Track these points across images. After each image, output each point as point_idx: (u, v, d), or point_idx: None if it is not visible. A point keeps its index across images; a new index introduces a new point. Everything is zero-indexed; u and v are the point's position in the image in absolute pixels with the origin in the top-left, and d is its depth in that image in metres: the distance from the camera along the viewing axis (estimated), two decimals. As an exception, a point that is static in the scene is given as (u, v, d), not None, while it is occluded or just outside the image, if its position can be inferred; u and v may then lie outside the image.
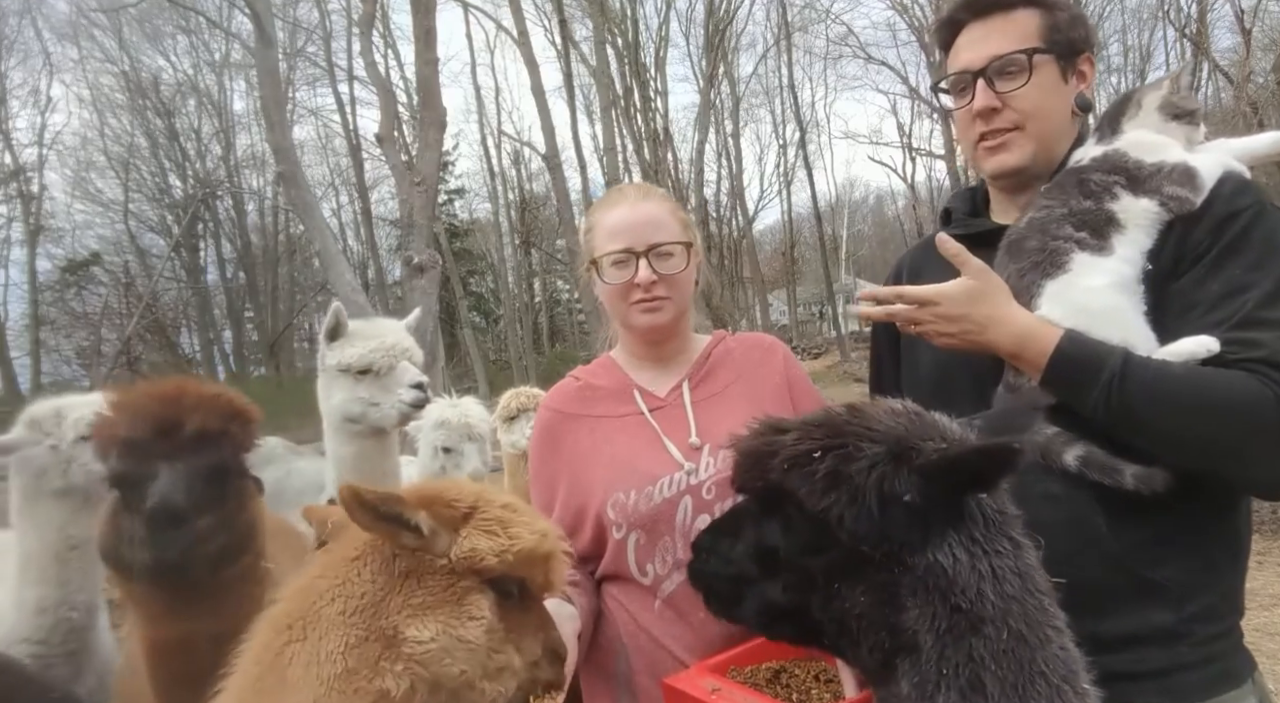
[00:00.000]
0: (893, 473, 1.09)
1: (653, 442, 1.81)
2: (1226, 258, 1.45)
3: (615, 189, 2.01)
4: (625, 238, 1.81)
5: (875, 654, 1.12)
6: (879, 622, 1.10)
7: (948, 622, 1.06)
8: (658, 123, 29.17)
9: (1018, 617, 1.06)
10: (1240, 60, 18.26)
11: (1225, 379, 1.37)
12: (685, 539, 1.72)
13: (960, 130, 1.77)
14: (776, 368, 1.95)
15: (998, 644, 1.05)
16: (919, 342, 1.73)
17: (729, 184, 37.40)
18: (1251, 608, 5.52)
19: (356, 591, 1.29)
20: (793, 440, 1.17)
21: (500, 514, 1.36)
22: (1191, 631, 1.48)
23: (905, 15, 26.32)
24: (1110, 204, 1.53)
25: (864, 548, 1.09)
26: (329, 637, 1.25)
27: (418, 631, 1.26)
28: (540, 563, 1.39)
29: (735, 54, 33.83)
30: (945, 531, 1.08)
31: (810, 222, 38.66)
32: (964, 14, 1.70)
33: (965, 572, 1.06)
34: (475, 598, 1.32)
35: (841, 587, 1.12)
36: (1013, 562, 1.09)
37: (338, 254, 10.71)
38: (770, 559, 1.21)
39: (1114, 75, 30.76)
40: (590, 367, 2.03)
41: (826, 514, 1.10)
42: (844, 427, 1.16)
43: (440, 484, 1.41)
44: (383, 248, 34.88)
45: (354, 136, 31.14)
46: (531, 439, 1.96)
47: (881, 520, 1.08)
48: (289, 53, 26.56)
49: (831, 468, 1.11)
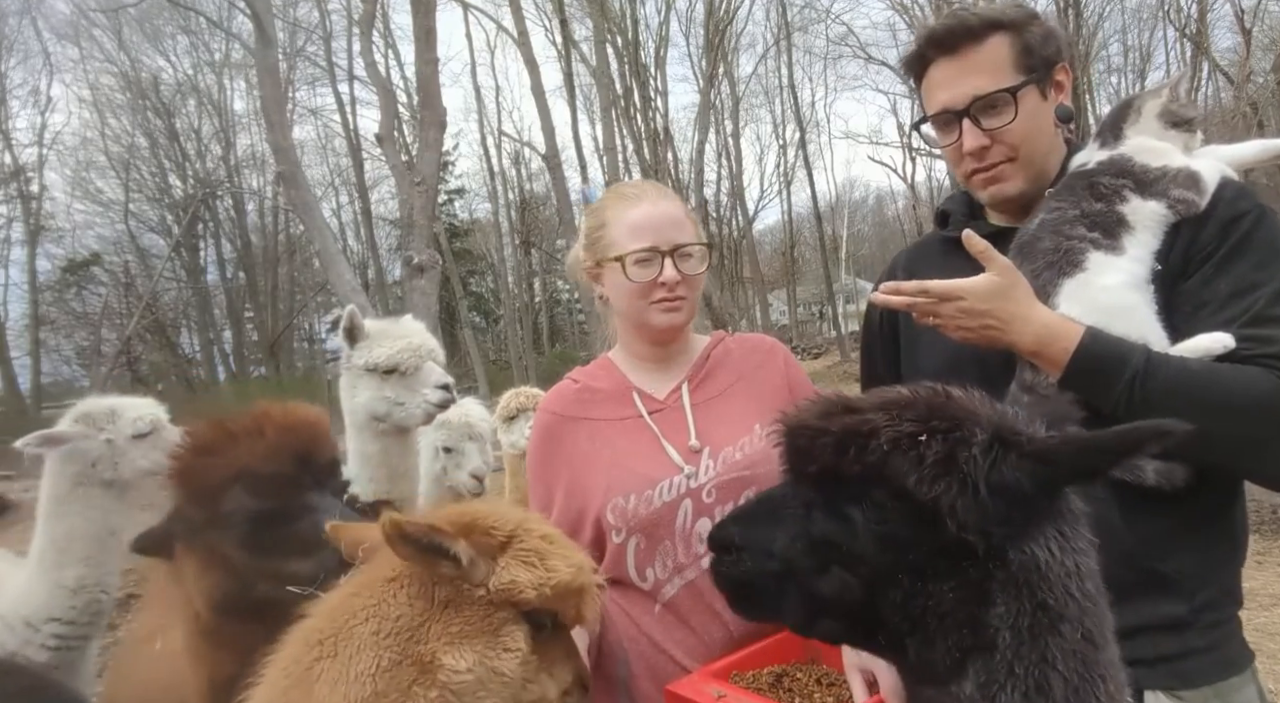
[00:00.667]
0: (1004, 459, 1.01)
1: (652, 445, 1.79)
2: (1233, 258, 1.50)
3: (628, 186, 1.95)
4: (650, 236, 1.79)
5: (952, 654, 1.03)
6: (964, 619, 1.02)
7: (1030, 619, 1.00)
8: (658, 123, 29.18)
9: (1091, 619, 1.03)
10: (1240, 60, 18.26)
11: (1243, 375, 1.41)
12: (685, 543, 1.71)
13: (951, 162, 1.78)
14: (777, 370, 1.93)
15: (1070, 644, 1.01)
16: (924, 336, 1.73)
17: (729, 184, 37.46)
18: (1251, 608, 5.53)
19: (392, 613, 1.27)
20: (888, 420, 1.06)
21: (538, 546, 1.35)
22: (1200, 619, 1.53)
23: (905, 15, 26.32)
24: (1120, 206, 1.57)
25: (969, 538, 1.00)
26: (360, 657, 1.23)
27: (455, 660, 1.25)
28: (575, 596, 1.38)
29: (735, 54, 33.88)
30: (1045, 524, 1.03)
31: (810, 222, 38.68)
32: (932, 51, 1.67)
33: (1057, 567, 1.01)
34: (511, 629, 1.31)
35: (928, 582, 1.04)
36: (1089, 561, 1.05)
37: (338, 254, 10.70)
38: (828, 551, 1.09)
39: (1114, 75, 30.86)
40: (588, 369, 2.00)
41: (937, 503, 1.00)
42: (942, 409, 1.06)
43: (479, 510, 1.39)
44: (383, 248, 34.89)
45: (354, 136, 31.14)
46: (530, 442, 1.95)
47: (993, 510, 1.00)
48: (289, 53, 26.57)
49: (944, 453, 1.01)
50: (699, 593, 1.70)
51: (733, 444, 1.77)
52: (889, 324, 1.92)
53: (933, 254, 1.89)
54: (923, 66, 1.71)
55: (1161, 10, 23.59)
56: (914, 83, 1.79)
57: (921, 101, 1.78)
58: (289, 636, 1.31)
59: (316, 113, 34.81)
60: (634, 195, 1.86)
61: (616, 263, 1.80)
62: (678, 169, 30.73)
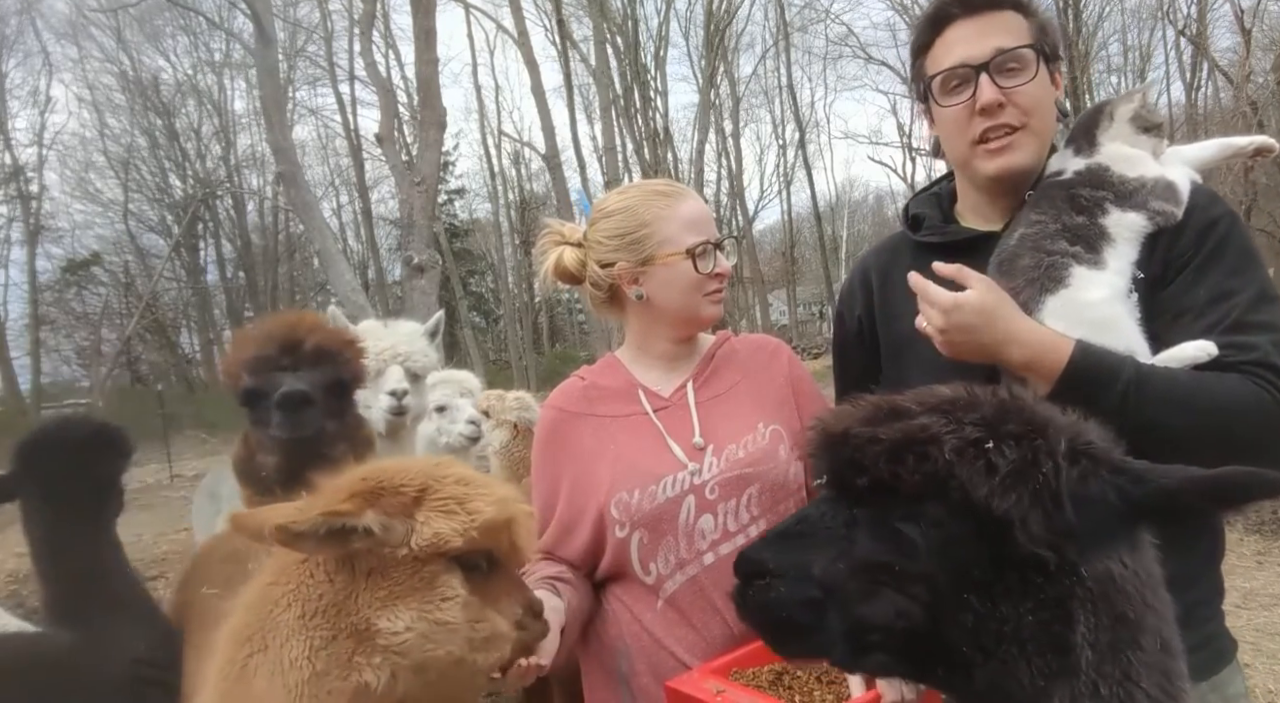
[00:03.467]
0: (1090, 472, 0.94)
1: (656, 441, 1.81)
2: (1210, 265, 1.53)
3: (645, 185, 1.98)
4: (705, 229, 1.85)
5: (1036, 681, 0.93)
6: (1047, 642, 0.93)
7: (1111, 634, 0.93)
8: (658, 123, 29.20)
9: (1168, 628, 0.97)
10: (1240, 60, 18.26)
11: (1227, 383, 1.43)
12: (688, 539, 1.73)
13: (952, 130, 1.70)
14: (781, 370, 1.95)
15: (1151, 657, 0.94)
16: (906, 346, 1.73)
17: (729, 184, 37.45)
18: (1251, 608, 5.51)
19: (314, 594, 1.25)
20: (949, 426, 0.97)
21: (455, 492, 1.32)
22: (1192, 616, 1.52)
23: (905, 15, 26.33)
24: (1102, 219, 1.58)
25: (1043, 553, 0.92)
26: (290, 643, 1.22)
27: (391, 622, 1.23)
28: (504, 531, 1.36)
29: (735, 54, 33.86)
30: (1123, 538, 0.95)
31: (810, 222, 38.70)
32: (956, 8, 1.67)
33: (1130, 577, 0.95)
34: (445, 579, 1.29)
35: (1000, 603, 0.94)
36: (1159, 572, 0.98)
37: (338, 254, 10.71)
38: (878, 573, 0.98)
39: (1114, 75, 30.81)
40: (595, 367, 2.03)
41: (1008, 516, 0.92)
42: (1017, 412, 0.98)
43: (384, 470, 1.35)
44: (383, 248, 34.92)
45: (354, 136, 31.19)
46: (536, 438, 1.96)
47: (1074, 525, 0.92)
48: (289, 53, 26.58)
49: (1019, 461, 0.93)
50: (700, 589, 1.72)
51: (736, 442, 1.79)
52: (869, 330, 1.90)
53: (903, 258, 1.85)
54: (939, 27, 1.70)
55: (1161, 10, 23.60)
56: (917, 53, 1.76)
57: (921, 72, 1.74)
58: (218, 639, 1.29)
59: (316, 113, 34.89)
60: (673, 193, 1.89)
61: (675, 258, 1.82)
62: (678, 169, 30.73)
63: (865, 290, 1.92)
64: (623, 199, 1.90)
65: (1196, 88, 22.55)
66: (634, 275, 1.86)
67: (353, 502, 1.24)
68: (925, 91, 1.73)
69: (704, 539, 1.73)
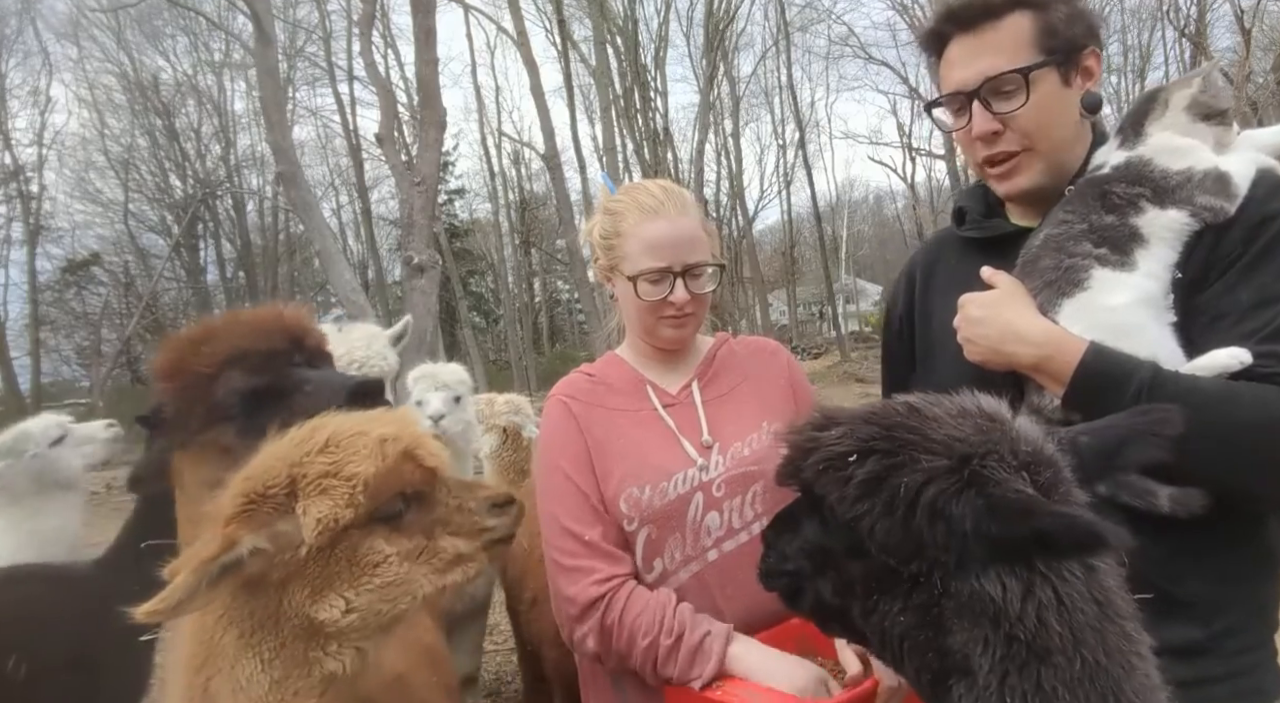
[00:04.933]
0: (951, 493, 0.96)
1: (666, 437, 1.81)
2: (1259, 265, 1.37)
3: (644, 190, 1.89)
4: (665, 256, 1.77)
5: (924, 675, 1.04)
6: (923, 643, 1.01)
7: (1005, 650, 0.95)
8: (658, 123, 29.19)
9: (1093, 647, 0.96)
10: (1240, 60, 18.25)
11: (1259, 394, 1.30)
12: (694, 536, 1.74)
13: (963, 149, 1.66)
14: (781, 371, 1.97)
15: (1071, 674, 0.94)
16: (937, 348, 1.69)
17: (729, 184, 37.44)
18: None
19: (244, 613, 1.20)
20: (833, 439, 1.06)
21: (324, 464, 1.21)
22: (1220, 645, 1.42)
23: (905, 15, 26.34)
24: (1134, 219, 1.44)
25: (892, 563, 0.99)
26: (240, 663, 1.18)
27: (329, 611, 1.18)
28: (401, 468, 1.26)
29: (735, 54, 33.86)
30: (989, 563, 0.96)
31: (810, 222, 38.65)
32: (948, 26, 1.57)
33: (1017, 601, 0.94)
34: (365, 546, 1.21)
35: (880, 600, 1.04)
36: (1084, 588, 0.97)
37: (338, 254, 10.70)
38: (821, 557, 1.13)
39: (1114, 75, 30.79)
40: (598, 364, 2.02)
41: (856, 524, 1.00)
42: (895, 428, 1.04)
43: (252, 473, 1.23)
44: (383, 248, 34.89)
45: (354, 136, 31.14)
46: (547, 426, 1.90)
47: (919, 540, 0.96)
48: (289, 53, 26.58)
49: (869, 475, 1.00)
50: (704, 585, 1.73)
51: (741, 441, 1.81)
52: (909, 330, 1.84)
53: (948, 253, 1.80)
54: (940, 44, 1.60)
55: (1161, 10, 23.60)
56: (934, 60, 1.66)
57: (938, 83, 1.66)
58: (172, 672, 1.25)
59: (316, 113, 34.85)
60: (652, 208, 1.82)
61: (628, 278, 1.81)
62: (678, 169, 30.72)
63: (909, 289, 1.85)
64: (617, 201, 1.90)
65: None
66: (607, 276, 1.91)
67: (227, 531, 1.15)
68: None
69: (709, 536, 1.74)
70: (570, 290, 38.61)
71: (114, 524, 2.90)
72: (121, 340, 29.20)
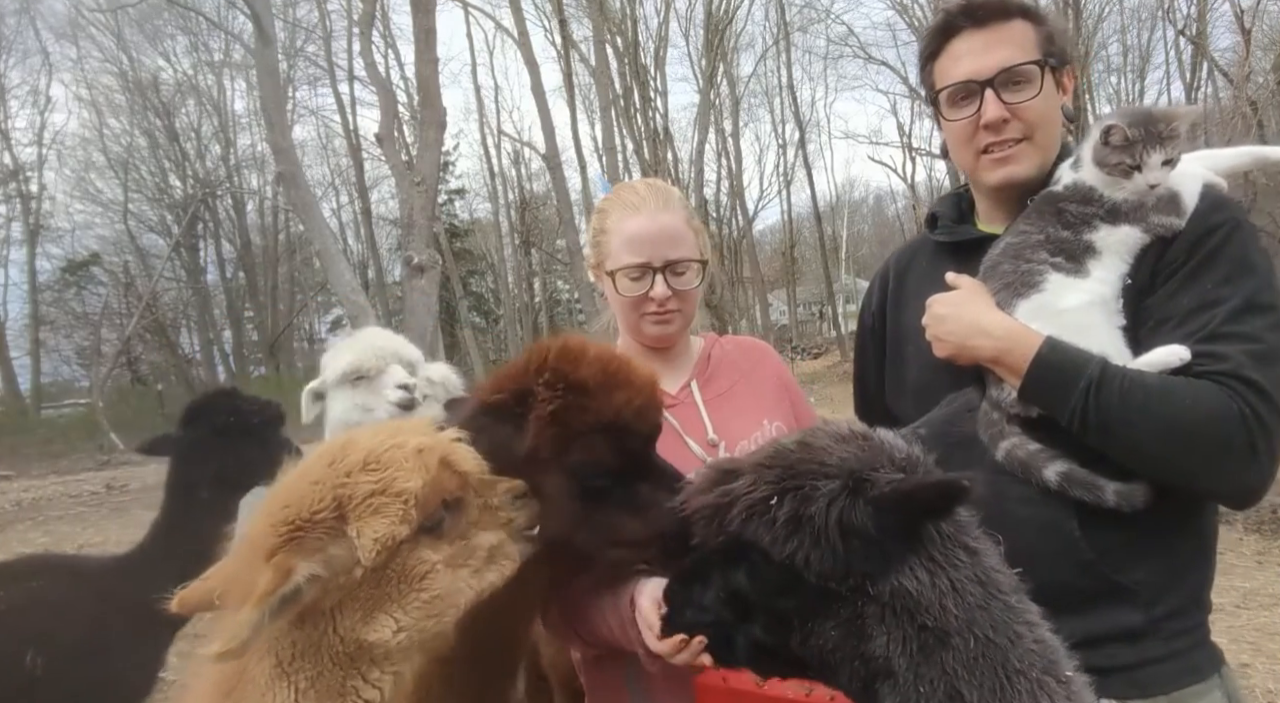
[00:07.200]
0: (850, 507, 1.08)
1: (671, 438, 1.80)
2: (1199, 273, 1.50)
3: (630, 189, 1.91)
4: (644, 251, 1.78)
5: (855, 682, 1.13)
6: (851, 653, 1.11)
7: (917, 642, 1.07)
8: (658, 122, 29.17)
9: (983, 624, 1.07)
10: (1240, 60, 18.24)
11: (1194, 389, 1.41)
12: None
13: (958, 141, 1.73)
14: (773, 370, 2.00)
15: (967, 654, 1.06)
16: (907, 347, 1.78)
17: (729, 184, 37.39)
18: (1251, 608, 5.50)
19: (285, 642, 1.16)
20: (746, 487, 1.14)
21: (371, 484, 1.18)
22: (1159, 629, 1.53)
23: (905, 15, 26.32)
24: (1088, 234, 1.57)
25: (832, 585, 1.09)
26: (272, 692, 1.14)
27: (380, 632, 1.16)
28: (444, 477, 1.25)
29: (735, 54, 33.84)
30: (905, 555, 1.08)
31: (810, 222, 38.70)
32: (963, 20, 1.66)
33: (928, 591, 1.07)
34: (414, 560, 1.20)
35: (814, 624, 1.13)
36: (970, 571, 1.10)
37: (338, 254, 10.69)
38: (744, 603, 1.19)
39: (1113, 75, 30.81)
40: None
41: (792, 559, 1.09)
42: (796, 465, 1.14)
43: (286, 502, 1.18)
44: (383, 248, 34.91)
45: (354, 137, 31.15)
46: None
47: (846, 556, 1.07)
48: (289, 53, 26.59)
49: (791, 512, 1.09)
50: None
51: (746, 438, 1.82)
52: (880, 327, 1.94)
53: (921, 256, 1.90)
54: (946, 37, 1.69)
55: (1160, 10, 23.58)
56: (926, 60, 1.75)
57: (929, 80, 1.75)
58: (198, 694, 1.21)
59: (316, 113, 34.93)
60: (634, 205, 1.84)
61: (609, 273, 1.83)
62: (678, 169, 30.70)
63: (882, 288, 1.96)
64: (605, 200, 1.92)
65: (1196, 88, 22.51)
66: (597, 274, 1.92)
67: (277, 561, 1.11)
68: (934, 100, 1.74)
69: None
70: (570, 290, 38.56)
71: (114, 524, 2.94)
72: (121, 340, 29.19)
